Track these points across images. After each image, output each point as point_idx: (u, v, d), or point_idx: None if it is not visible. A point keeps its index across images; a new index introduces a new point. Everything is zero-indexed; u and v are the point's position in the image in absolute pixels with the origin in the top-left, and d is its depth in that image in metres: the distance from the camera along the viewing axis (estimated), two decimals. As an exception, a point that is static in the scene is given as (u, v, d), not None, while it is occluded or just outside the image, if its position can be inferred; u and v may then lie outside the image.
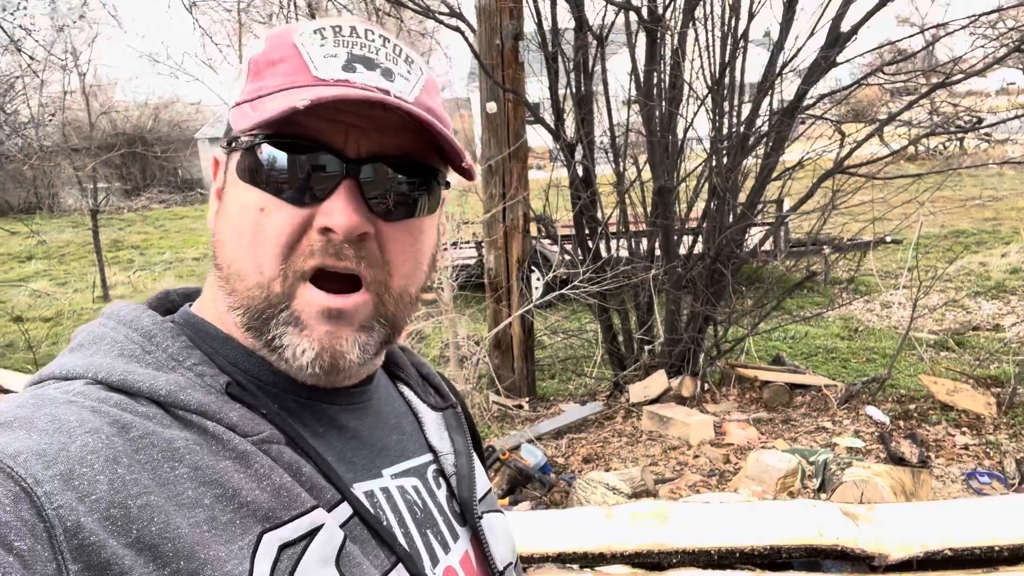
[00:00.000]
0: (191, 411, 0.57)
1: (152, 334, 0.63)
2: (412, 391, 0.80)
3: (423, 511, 0.69)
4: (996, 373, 5.22)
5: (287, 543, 0.55)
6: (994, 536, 1.87)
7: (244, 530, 0.54)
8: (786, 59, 4.90)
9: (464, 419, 0.83)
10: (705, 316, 5.17)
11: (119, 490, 0.50)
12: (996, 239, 9.83)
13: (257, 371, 0.64)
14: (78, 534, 0.47)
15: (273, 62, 0.62)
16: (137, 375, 0.58)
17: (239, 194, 0.62)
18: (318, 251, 0.60)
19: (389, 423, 0.73)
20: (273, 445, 0.59)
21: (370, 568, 0.59)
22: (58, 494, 0.48)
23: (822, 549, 1.87)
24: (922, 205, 5.33)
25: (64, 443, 0.50)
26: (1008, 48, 5.14)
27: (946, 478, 3.91)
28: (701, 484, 3.92)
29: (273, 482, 0.57)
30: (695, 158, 5.52)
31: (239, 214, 0.62)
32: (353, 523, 0.60)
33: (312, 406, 0.66)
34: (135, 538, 0.49)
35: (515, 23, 4.86)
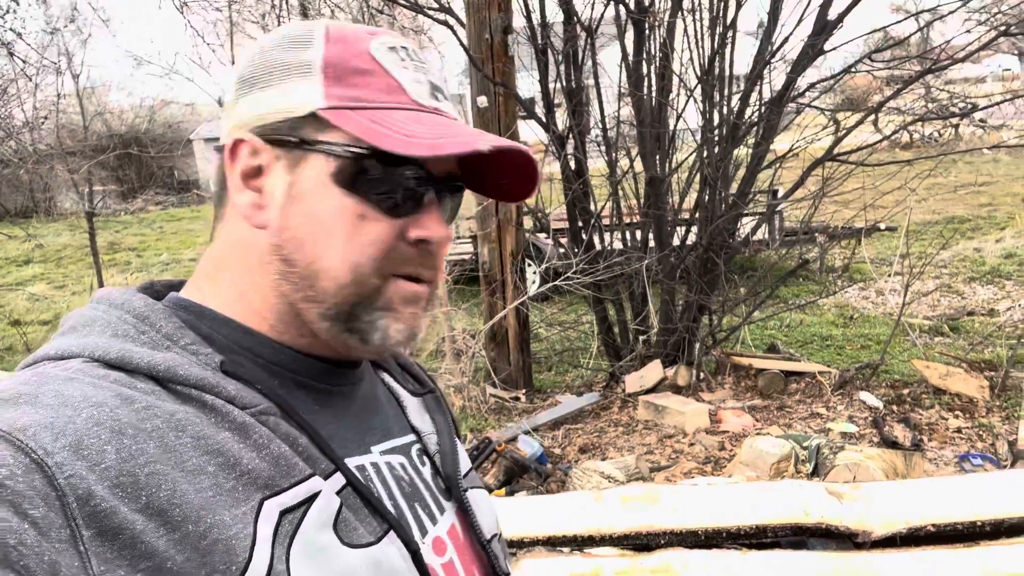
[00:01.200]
0: (189, 385, 0.60)
1: (145, 315, 0.64)
2: (392, 378, 0.83)
3: (410, 486, 0.72)
4: (990, 357, 5.25)
5: (287, 509, 0.58)
6: (976, 511, 1.90)
7: (246, 496, 0.56)
8: (774, 48, 4.91)
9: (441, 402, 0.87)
10: (699, 305, 5.20)
11: (127, 459, 0.52)
12: (991, 224, 9.86)
13: (258, 349, 0.67)
14: (89, 501, 0.49)
15: (360, 71, 0.64)
16: (134, 353, 0.60)
17: (331, 198, 0.64)
18: (413, 260, 0.67)
19: (375, 404, 0.77)
20: (270, 417, 0.61)
21: (364, 533, 0.62)
22: (68, 464, 0.49)
23: (807, 527, 1.90)
24: (914, 191, 5.35)
25: (70, 416, 0.52)
26: (999, 32, 5.15)
27: (939, 461, 3.94)
28: (696, 471, 3.95)
29: (272, 451, 0.59)
30: (686, 148, 5.54)
31: (332, 217, 0.64)
32: (347, 492, 0.63)
33: (307, 384, 0.69)
34: (145, 504, 0.51)
35: (504, 17, 4.87)
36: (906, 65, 5.72)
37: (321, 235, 0.64)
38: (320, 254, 0.64)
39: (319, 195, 0.64)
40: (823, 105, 5.86)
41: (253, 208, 0.66)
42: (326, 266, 0.64)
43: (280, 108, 0.64)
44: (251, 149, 0.66)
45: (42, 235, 13.66)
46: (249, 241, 0.67)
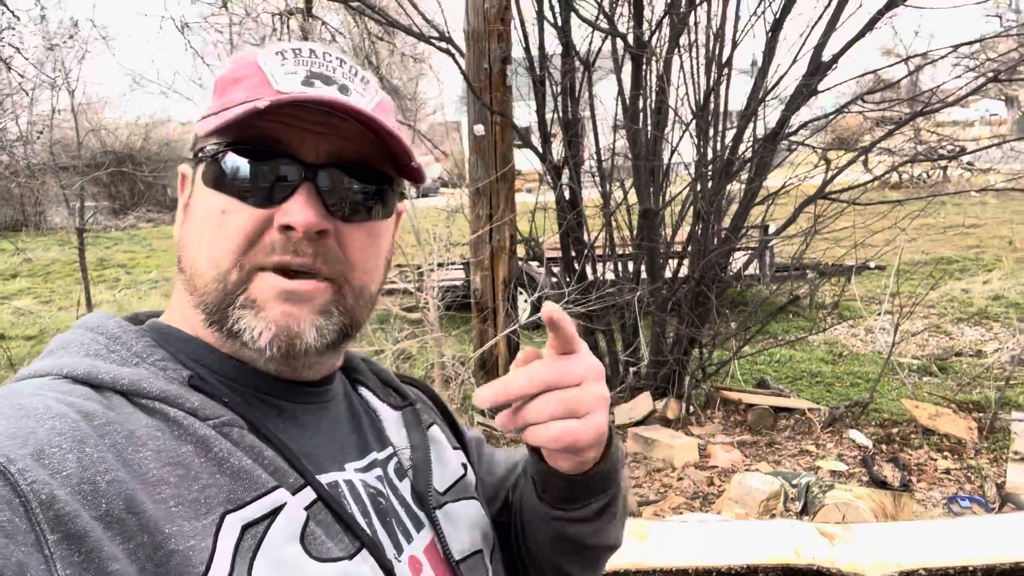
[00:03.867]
0: (153, 398, 0.60)
1: (116, 336, 0.66)
2: (371, 393, 0.83)
3: (386, 503, 0.72)
4: (978, 398, 5.26)
5: (250, 522, 0.57)
6: (968, 556, 1.89)
7: (208, 510, 0.56)
8: (769, 86, 4.98)
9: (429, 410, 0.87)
10: (690, 339, 5.20)
11: (87, 467, 0.52)
12: (979, 266, 9.95)
13: (221, 367, 0.67)
14: (53, 505, 0.49)
15: (237, 79, 0.67)
16: (101, 369, 0.61)
17: (204, 200, 0.66)
18: (279, 248, 0.64)
19: (351, 422, 0.76)
20: (234, 428, 0.61)
21: (335, 549, 0.61)
22: (31, 471, 0.50)
23: (798, 569, 1.87)
24: (903, 231, 5.40)
25: (32, 427, 0.53)
26: (987, 78, 5.25)
27: (928, 502, 3.92)
28: (685, 506, 3.91)
29: (232, 465, 0.59)
30: (680, 182, 5.58)
31: (203, 218, 0.66)
32: (317, 508, 0.62)
33: (273, 403, 0.69)
34: (104, 511, 0.51)
35: (503, 47, 4.92)
36: (896, 107, 5.81)
37: (195, 237, 0.67)
38: (195, 255, 0.66)
39: (198, 201, 0.67)
40: (815, 144, 5.94)
41: (177, 229, 0.71)
42: (198, 266, 0.66)
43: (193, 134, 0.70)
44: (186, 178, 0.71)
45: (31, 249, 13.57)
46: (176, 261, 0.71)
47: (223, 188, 0.64)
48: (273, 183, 0.64)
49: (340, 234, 0.66)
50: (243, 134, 0.64)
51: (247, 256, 0.64)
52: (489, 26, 4.87)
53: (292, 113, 0.63)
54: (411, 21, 4.93)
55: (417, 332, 5.16)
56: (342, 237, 0.66)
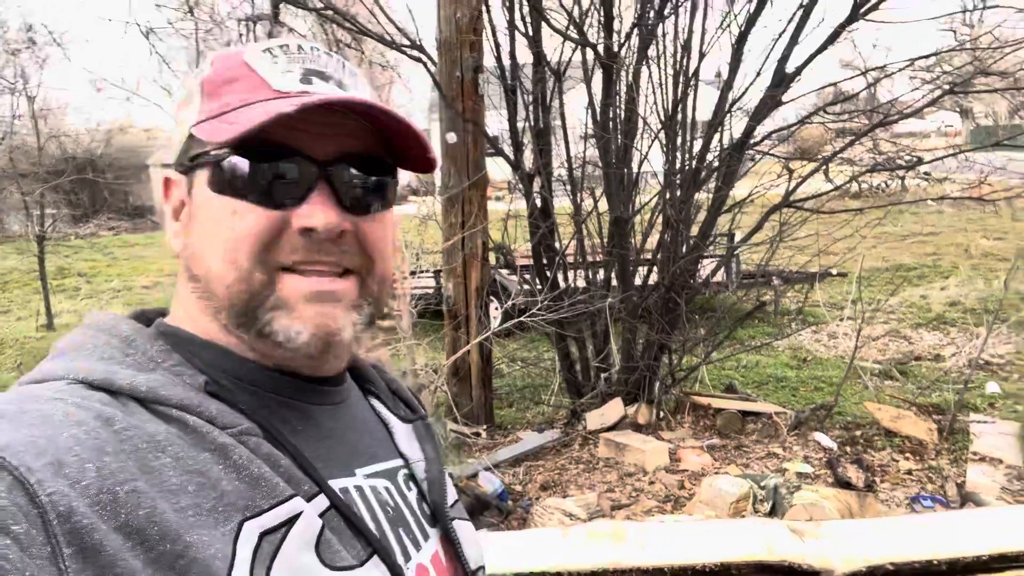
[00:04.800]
0: (171, 406, 0.60)
1: (131, 339, 0.65)
2: (382, 403, 0.82)
3: (395, 510, 0.72)
4: (937, 401, 5.42)
5: (267, 530, 0.57)
6: (933, 551, 1.95)
7: (226, 518, 0.56)
8: (735, 97, 5.10)
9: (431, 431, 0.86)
10: (660, 345, 5.27)
11: (107, 477, 0.52)
12: (936, 273, 10.24)
13: (237, 371, 0.67)
14: (70, 518, 0.49)
15: (228, 81, 0.66)
16: (118, 374, 0.60)
17: (212, 207, 0.65)
18: (301, 249, 0.64)
19: (362, 427, 0.76)
20: (251, 437, 0.61)
21: (347, 556, 0.62)
22: (49, 481, 0.49)
23: (771, 565, 1.92)
24: (864, 239, 5.56)
25: (52, 435, 0.52)
26: (942, 91, 5.43)
27: (891, 502, 4.03)
28: (656, 509, 3.97)
29: (251, 472, 0.59)
30: (650, 191, 5.67)
31: (214, 224, 0.65)
32: (330, 515, 0.63)
33: (290, 404, 0.69)
34: (123, 522, 0.51)
35: (475, 56, 4.96)
36: (856, 119, 5.98)
37: (208, 243, 0.65)
38: (209, 262, 0.65)
39: (204, 206, 0.66)
40: (778, 154, 6.07)
41: (173, 237, 0.69)
42: (214, 271, 0.65)
43: (178, 137, 0.68)
44: (173, 184, 0.69)
45: (-13, 258, 13.21)
46: (180, 269, 0.69)
47: (233, 193, 0.64)
48: (286, 185, 0.64)
49: (358, 230, 0.66)
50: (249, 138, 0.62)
51: (268, 255, 0.63)
52: (461, 35, 4.91)
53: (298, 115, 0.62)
54: (382, 29, 4.94)
55: (389, 340, 5.15)
56: (361, 232, 0.67)
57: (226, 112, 0.64)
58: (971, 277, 9.60)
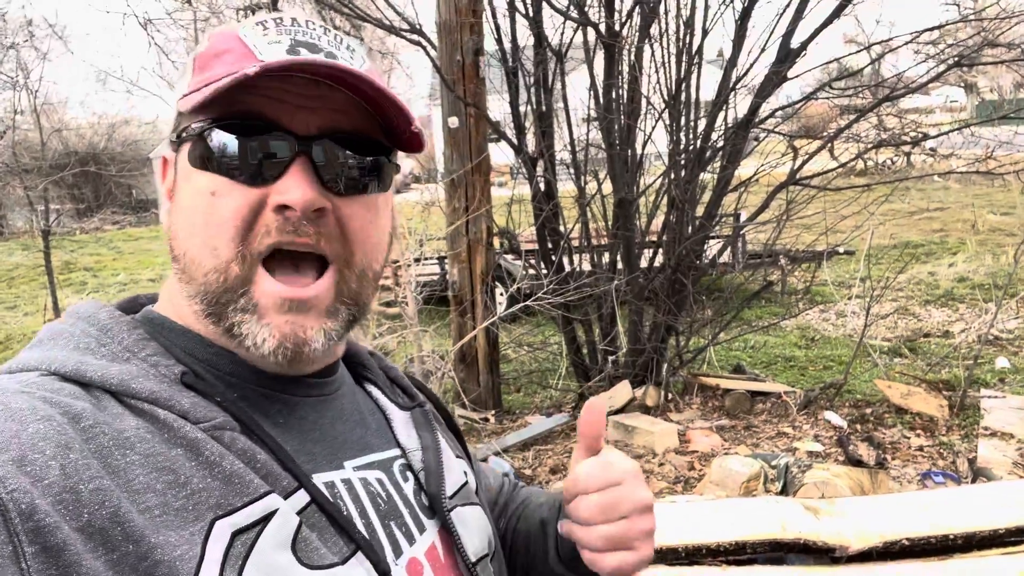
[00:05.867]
0: (142, 399, 0.58)
1: (108, 327, 0.63)
2: (380, 391, 0.80)
3: (387, 503, 0.69)
4: (947, 377, 5.40)
5: (240, 529, 0.55)
6: (948, 526, 1.94)
7: (196, 516, 0.54)
8: (739, 75, 5.04)
9: (433, 416, 0.83)
10: (667, 326, 5.25)
11: (71, 475, 0.50)
12: (943, 249, 10.18)
13: (216, 361, 0.65)
14: (32, 516, 0.47)
15: (218, 54, 0.63)
16: (90, 366, 0.58)
17: (191, 182, 0.63)
18: (275, 229, 0.61)
19: (353, 418, 0.74)
20: (226, 432, 0.59)
21: (328, 554, 0.59)
22: (11, 478, 0.48)
23: (785, 543, 1.91)
24: (871, 216, 5.51)
25: (16, 430, 0.50)
26: (948, 65, 5.36)
27: (902, 479, 4.02)
28: (667, 491, 3.96)
29: (224, 469, 0.57)
30: (654, 171, 5.62)
31: (192, 201, 0.62)
32: (311, 510, 0.60)
33: (273, 396, 0.66)
34: (86, 522, 0.49)
35: (475, 39, 4.92)
36: (861, 95, 5.92)
37: (186, 223, 0.62)
38: (188, 243, 0.63)
39: (185, 183, 0.63)
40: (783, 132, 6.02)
41: (165, 216, 0.67)
42: (191, 255, 0.62)
43: (172, 115, 0.66)
44: (169, 164, 0.67)
45: (-7, 254, 13.26)
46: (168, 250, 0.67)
47: (211, 167, 0.61)
48: (264, 159, 0.60)
49: (339, 211, 0.63)
50: (229, 110, 0.60)
51: (247, 244, 0.61)
52: (461, 18, 4.86)
53: (280, 86, 0.60)
54: (381, 14, 4.89)
55: (395, 327, 5.14)
56: (341, 215, 0.63)
57: (207, 84, 0.61)
58: (979, 252, 9.54)
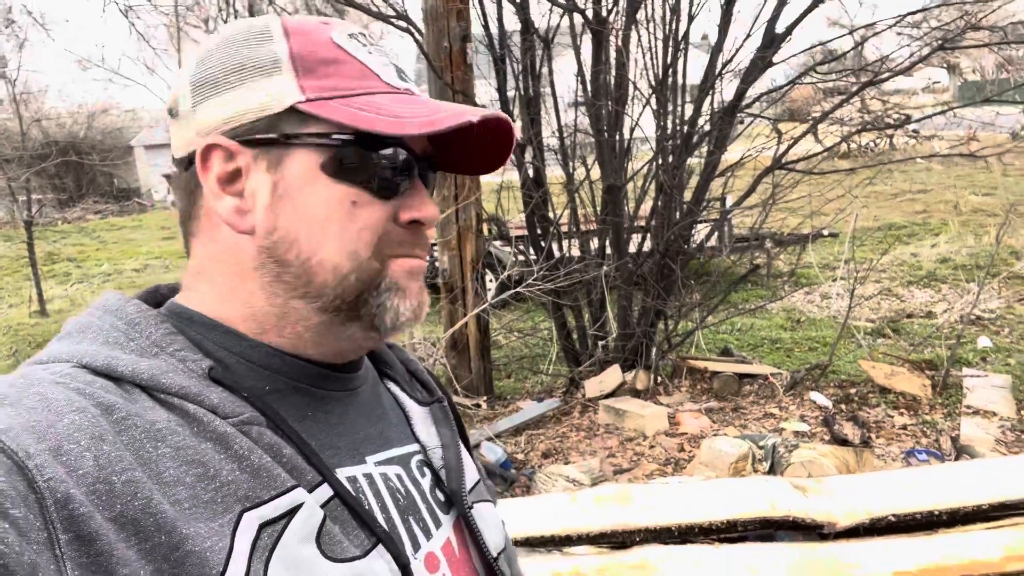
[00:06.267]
0: (172, 394, 0.59)
1: (136, 322, 0.63)
2: (399, 387, 0.81)
3: (406, 498, 0.70)
4: (930, 357, 5.49)
5: (267, 521, 0.56)
6: (933, 502, 2.00)
7: (225, 508, 0.55)
8: (725, 60, 5.07)
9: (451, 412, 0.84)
10: (656, 311, 5.30)
11: (104, 466, 0.51)
12: (926, 231, 10.30)
13: (250, 354, 0.66)
14: (68, 505, 0.48)
15: (328, 61, 0.64)
16: (121, 360, 0.59)
17: (320, 188, 0.63)
18: (408, 243, 0.68)
19: (375, 412, 0.75)
20: (253, 427, 0.60)
21: (350, 547, 0.60)
22: (48, 467, 0.49)
23: (775, 520, 1.97)
24: (855, 199, 5.58)
25: (52, 421, 0.51)
26: (931, 48, 5.41)
27: (887, 457, 4.10)
28: (657, 472, 4.03)
29: (252, 463, 0.58)
30: (642, 157, 5.65)
31: (325, 208, 0.64)
32: (334, 504, 0.61)
33: (303, 389, 0.68)
34: (118, 512, 0.51)
35: (462, 25, 4.91)
36: (845, 78, 5.96)
37: (315, 229, 0.63)
38: (316, 248, 0.64)
39: (308, 189, 0.63)
40: (769, 116, 6.06)
41: (236, 213, 0.64)
42: (324, 259, 0.64)
43: (252, 107, 0.63)
44: (225, 154, 0.64)
45: (-26, 246, 13.11)
46: (233, 248, 0.65)
47: (348, 179, 0.64)
48: (399, 177, 0.66)
49: None
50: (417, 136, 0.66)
51: (380, 248, 0.66)
52: (448, 4, 4.84)
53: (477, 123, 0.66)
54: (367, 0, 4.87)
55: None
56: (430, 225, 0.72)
57: (346, 96, 0.63)
58: (961, 233, 9.66)
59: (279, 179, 0.64)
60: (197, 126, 0.65)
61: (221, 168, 0.64)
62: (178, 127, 0.67)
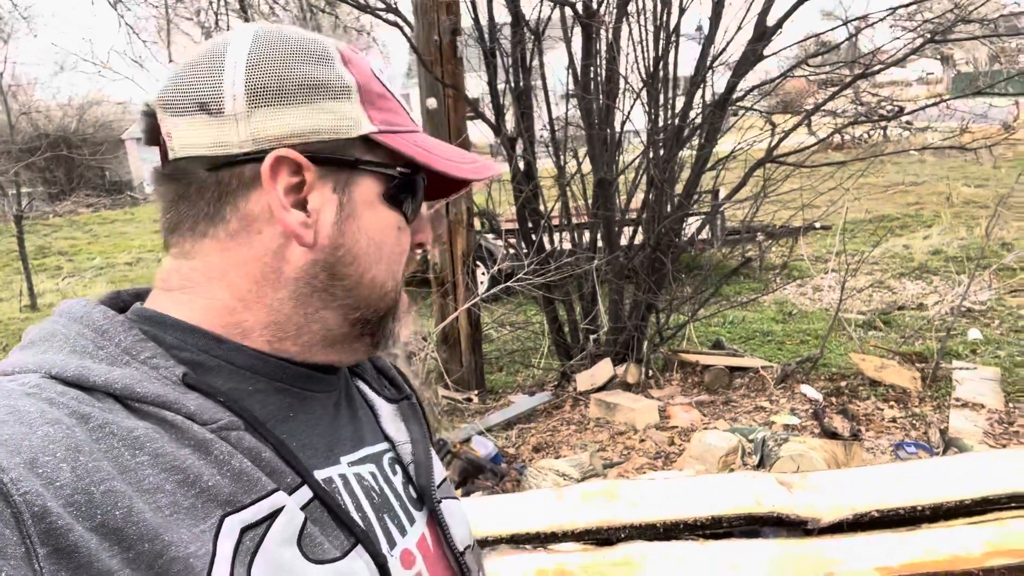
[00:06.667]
0: (148, 402, 0.58)
1: (104, 329, 0.62)
2: (367, 385, 0.82)
3: (380, 497, 0.71)
4: (920, 349, 5.51)
5: (249, 525, 0.57)
6: (916, 497, 2.01)
7: (206, 514, 0.55)
8: (716, 52, 5.05)
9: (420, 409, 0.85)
10: (647, 304, 5.30)
11: (82, 477, 0.51)
12: (918, 223, 10.32)
13: (232, 356, 0.66)
14: (45, 518, 0.48)
15: (381, 96, 0.69)
16: (92, 370, 0.58)
17: (379, 213, 0.70)
18: (411, 262, 0.74)
19: (349, 412, 0.76)
20: (232, 432, 0.60)
21: (330, 548, 0.61)
22: (24, 480, 0.48)
23: (760, 517, 1.97)
24: (847, 191, 5.58)
25: (26, 433, 0.51)
26: (924, 39, 5.41)
27: (876, 450, 4.12)
28: (648, 466, 4.04)
29: (233, 467, 0.58)
30: (633, 150, 5.64)
31: (381, 232, 0.70)
32: (313, 506, 0.62)
33: (286, 390, 0.68)
34: (99, 522, 0.50)
35: (453, 19, 4.88)
36: (838, 70, 5.96)
37: (373, 249, 0.69)
38: (371, 266, 0.69)
39: (370, 212, 0.68)
40: (761, 108, 6.05)
41: (302, 226, 0.65)
42: (375, 276, 0.69)
43: (324, 127, 0.64)
44: (293, 167, 0.64)
45: (-36, 240, 13.03)
46: (273, 256, 0.65)
47: (397, 207, 0.70)
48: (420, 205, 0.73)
49: None
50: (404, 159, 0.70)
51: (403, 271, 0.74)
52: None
53: None
54: (357, -8, 4.84)
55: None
56: None
57: (402, 132, 0.69)
58: (953, 225, 9.68)
59: (346, 200, 0.67)
60: (253, 131, 0.63)
61: (287, 180, 0.64)
62: (220, 125, 0.63)
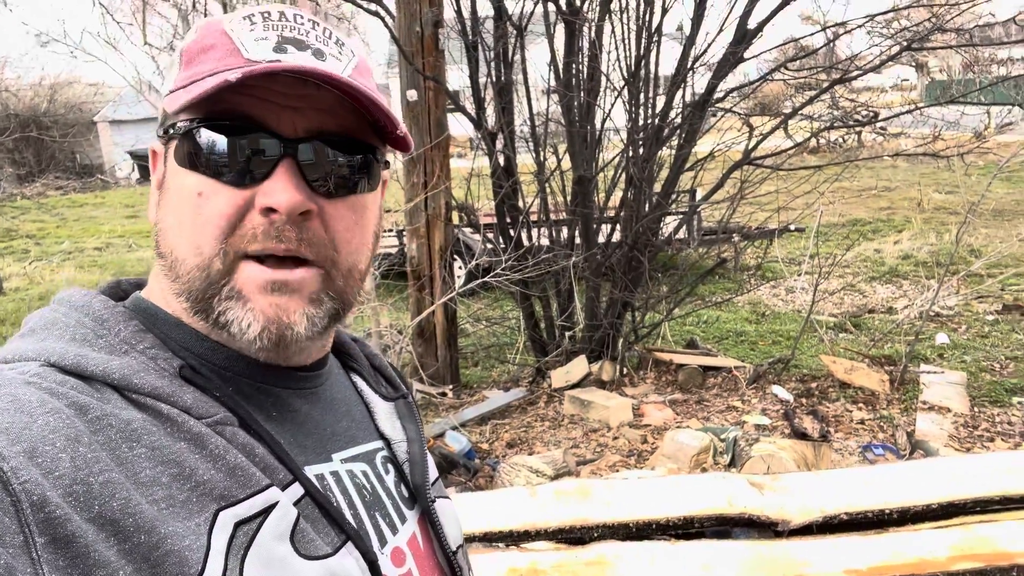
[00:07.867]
0: (145, 394, 0.58)
1: (104, 318, 0.63)
2: (364, 381, 0.81)
3: (371, 495, 0.71)
4: (889, 352, 5.60)
5: (242, 520, 0.57)
6: (885, 500, 2.04)
7: (201, 508, 0.55)
8: (697, 53, 5.08)
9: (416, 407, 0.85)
10: (623, 302, 5.33)
11: (81, 467, 0.51)
12: (890, 227, 10.48)
13: (210, 355, 0.65)
14: (44, 508, 0.48)
15: (204, 49, 0.63)
16: (90, 359, 0.58)
17: (179, 180, 0.63)
18: (261, 235, 0.60)
19: (340, 409, 0.75)
20: (227, 427, 0.60)
21: (322, 544, 0.61)
22: (23, 469, 0.48)
23: (731, 517, 1.99)
24: (822, 195, 5.65)
25: (26, 422, 0.51)
26: (900, 47, 5.49)
27: (844, 451, 4.18)
28: (621, 464, 4.06)
29: (228, 462, 0.58)
30: (613, 148, 5.66)
31: (178, 200, 0.63)
32: (304, 503, 0.62)
33: (266, 390, 0.67)
34: (97, 513, 0.50)
35: (435, 10, 4.84)
36: (816, 74, 6.02)
37: (175, 221, 0.63)
38: (176, 241, 0.62)
39: (172, 181, 0.63)
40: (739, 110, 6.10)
41: (152, 209, 0.67)
42: (180, 253, 0.62)
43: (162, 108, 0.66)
44: (159, 156, 0.66)
45: (-72, 220, 12.71)
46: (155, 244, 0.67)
47: (197, 168, 0.61)
48: (250, 160, 0.60)
49: (324, 213, 0.63)
50: (214, 108, 0.60)
51: (229, 242, 0.61)
52: (420, -12, 4.78)
53: (266, 86, 0.60)
54: (338, -19, 4.79)
55: (353, 301, 5.10)
56: (327, 216, 0.63)
57: (194, 82, 0.61)
58: (923, 231, 9.85)
59: (164, 173, 0.65)
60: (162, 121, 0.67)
61: (159, 169, 0.66)
62: None
